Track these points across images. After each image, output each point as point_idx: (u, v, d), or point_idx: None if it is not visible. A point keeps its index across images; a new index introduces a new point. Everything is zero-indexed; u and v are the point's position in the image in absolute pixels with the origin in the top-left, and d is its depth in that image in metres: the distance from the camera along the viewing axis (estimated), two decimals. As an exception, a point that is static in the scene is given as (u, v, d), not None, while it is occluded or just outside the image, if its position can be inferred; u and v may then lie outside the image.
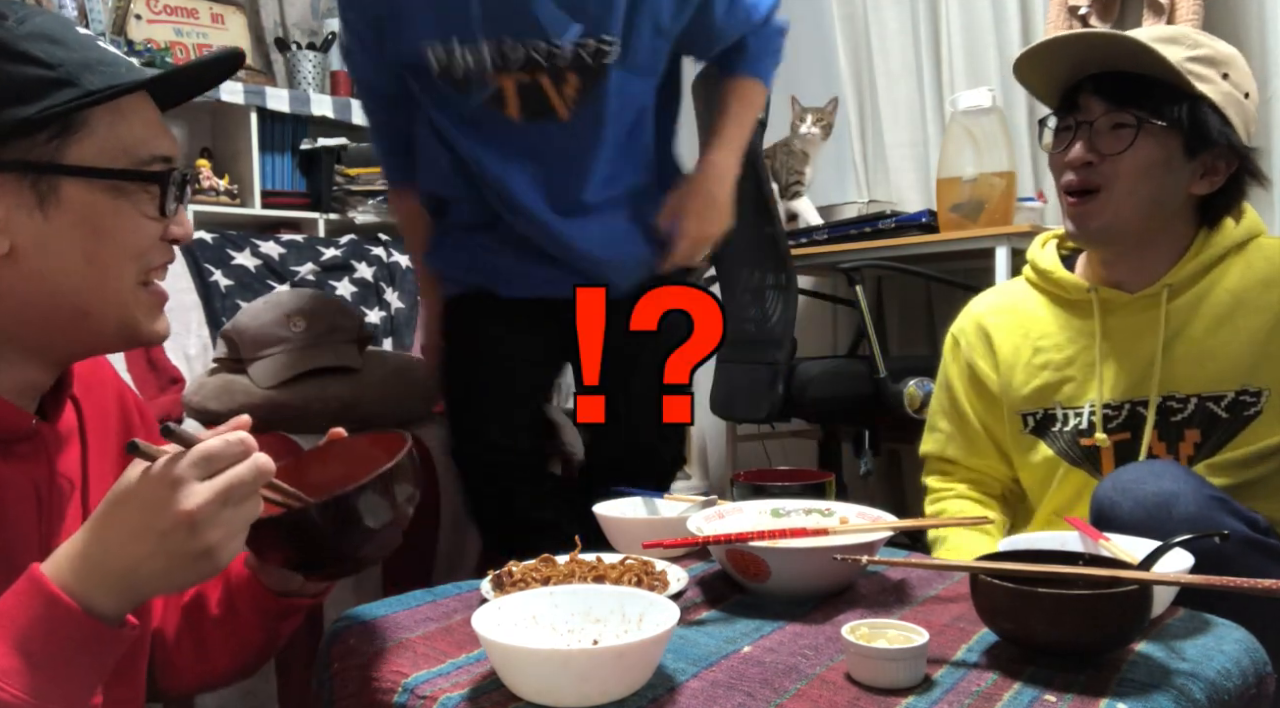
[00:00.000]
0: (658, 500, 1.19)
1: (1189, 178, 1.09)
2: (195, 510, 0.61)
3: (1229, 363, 1.09)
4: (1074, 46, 1.09)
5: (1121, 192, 1.08)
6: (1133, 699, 0.66)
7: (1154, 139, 1.06)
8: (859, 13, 2.87)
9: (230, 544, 0.64)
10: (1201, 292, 1.12)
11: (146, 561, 0.61)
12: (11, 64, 0.66)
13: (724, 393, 2.41)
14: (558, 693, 0.65)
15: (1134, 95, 1.07)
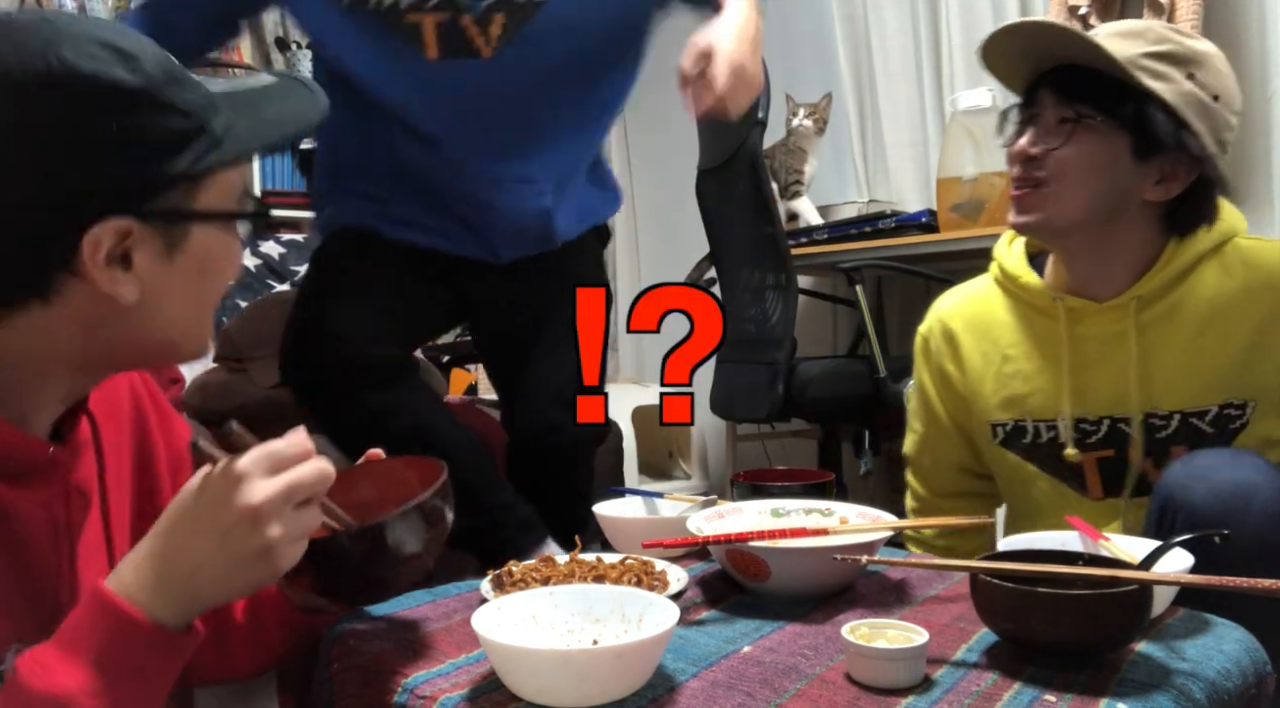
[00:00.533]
0: (657, 501, 1.19)
1: (1140, 182, 1.03)
2: (259, 505, 0.62)
3: (1211, 377, 1.05)
4: (1029, 37, 1.05)
5: (1062, 187, 1.04)
6: (1133, 699, 0.66)
7: (1097, 136, 1.02)
8: (859, 12, 2.87)
9: (290, 548, 0.64)
10: (1176, 303, 1.06)
11: (210, 561, 0.62)
12: (159, 114, 0.64)
13: (724, 393, 2.41)
14: (558, 693, 0.65)
15: (1083, 91, 1.03)
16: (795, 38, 3.14)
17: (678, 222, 3.48)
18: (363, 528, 0.72)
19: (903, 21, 2.77)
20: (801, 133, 2.59)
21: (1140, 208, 1.05)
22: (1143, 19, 2.06)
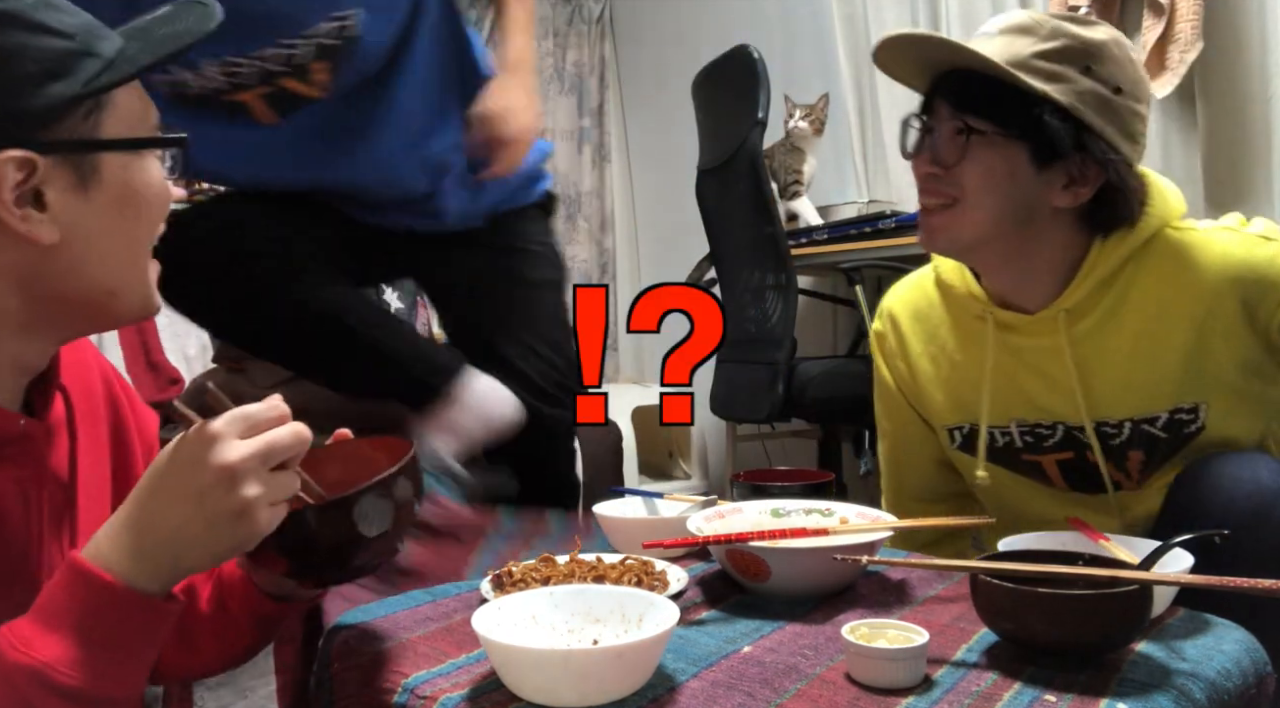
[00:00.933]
0: (658, 501, 1.19)
1: (1046, 189, 0.97)
2: (234, 463, 0.60)
3: (1156, 385, 1.01)
4: (916, 46, 0.99)
5: (964, 205, 0.98)
6: (1133, 699, 0.66)
7: (993, 149, 0.96)
8: (859, 12, 2.87)
9: (268, 511, 0.63)
10: (1110, 311, 1.01)
11: (187, 524, 0.61)
12: (33, 36, 0.62)
13: (724, 393, 2.41)
14: (557, 693, 0.65)
15: (976, 100, 0.96)
16: (795, 38, 3.14)
17: (678, 222, 3.48)
18: (328, 502, 0.70)
19: (903, 22, 2.77)
20: (799, 133, 2.60)
21: (1053, 214, 0.99)
22: (1143, 20, 2.06)
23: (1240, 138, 2.04)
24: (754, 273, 2.31)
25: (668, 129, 3.70)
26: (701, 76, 2.45)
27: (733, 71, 2.28)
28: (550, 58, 3.87)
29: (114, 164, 0.67)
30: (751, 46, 2.22)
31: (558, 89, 3.89)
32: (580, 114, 3.94)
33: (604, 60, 3.98)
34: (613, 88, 4.02)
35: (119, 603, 0.60)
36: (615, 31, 4.02)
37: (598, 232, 3.98)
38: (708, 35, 3.34)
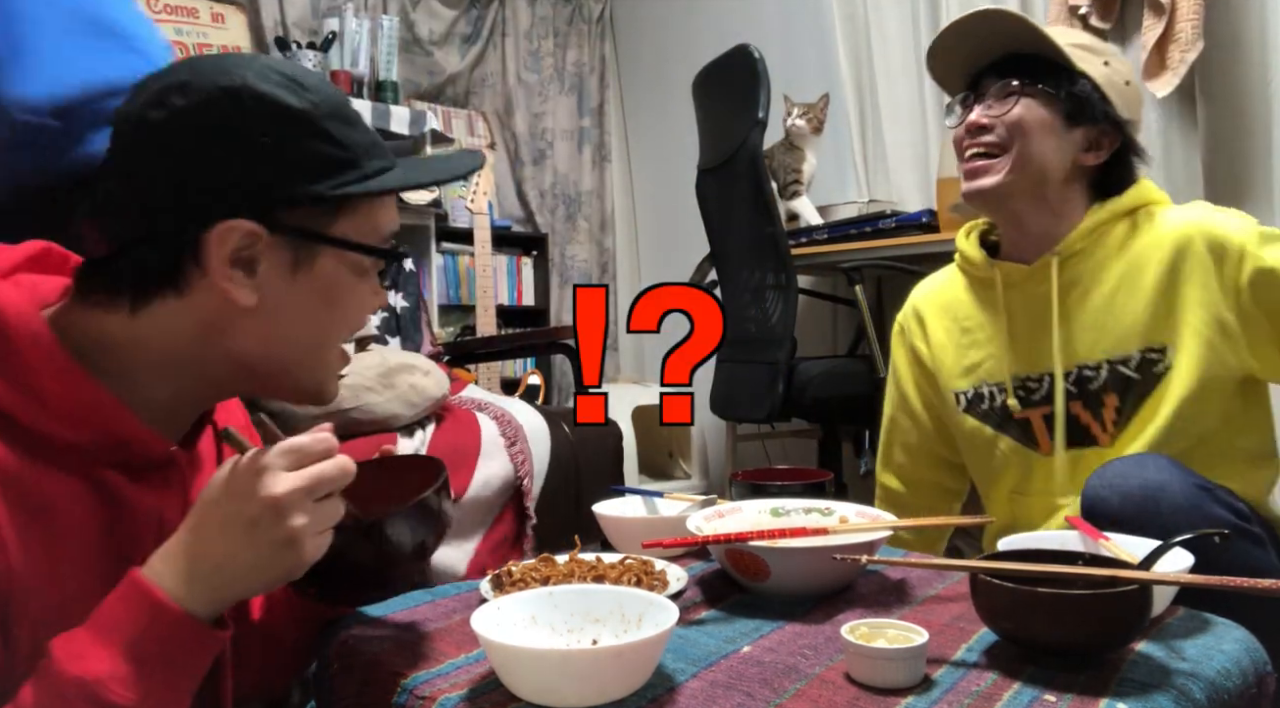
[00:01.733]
0: (657, 500, 1.19)
1: (1074, 147, 1.16)
2: (282, 496, 0.63)
3: (1128, 325, 1.14)
4: (974, 25, 1.17)
5: (1017, 146, 1.15)
6: (1133, 699, 0.66)
7: (1037, 101, 1.14)
8: (859, 12, 2.87)
9: (315, 539, 0.66)
10: (1098, 262, 1.16)
11: (238, 553, 0.64)
12: (313, 140, 0.69)
13: (724, 393, 2.41)
14: (557, 693, 0.65)
15: (1022, 70, 1.16)
16: (795, 38, 3.14)
17: (678, 222, 3.48)
18: (362, 524, 0.72)
19: (903, 21, 2.78)
20: (796, 132, 2.59)
21: (1073, 173, 1.17)
22: (1144, 20, 2.06)
23: (1240, 137, 2.04)
24: (754, 273, 2.31)
25: (668, 129, 3.70)
26: (702, 76, 2.45)
27: (733, 71, 2.28)
28: (550, 58, 3.87)
29: (330, 260, 0.72)
30: (752, 46, 2.22)
31: (558, 89, 3.89)
32: (580, 114, 3.94)
33: (604, 60, 3.99)
34: (613, 88, 4.02)
35: (171, 624, 0.62)
36: (615, 31, 4.03)
37: (598, 232, 3.98)
38: (708, 35, 3.34)
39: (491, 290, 2.84)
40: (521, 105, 3.77)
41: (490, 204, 3.11)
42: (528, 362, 3.61)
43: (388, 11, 3.40)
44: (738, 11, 3.36)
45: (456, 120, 3.63)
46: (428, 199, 3.05)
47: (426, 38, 3.55)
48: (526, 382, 3.19)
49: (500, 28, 3.75)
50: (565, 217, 3.90)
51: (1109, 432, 1.16)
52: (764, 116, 2.14)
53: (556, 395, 3.63)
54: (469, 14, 3.68)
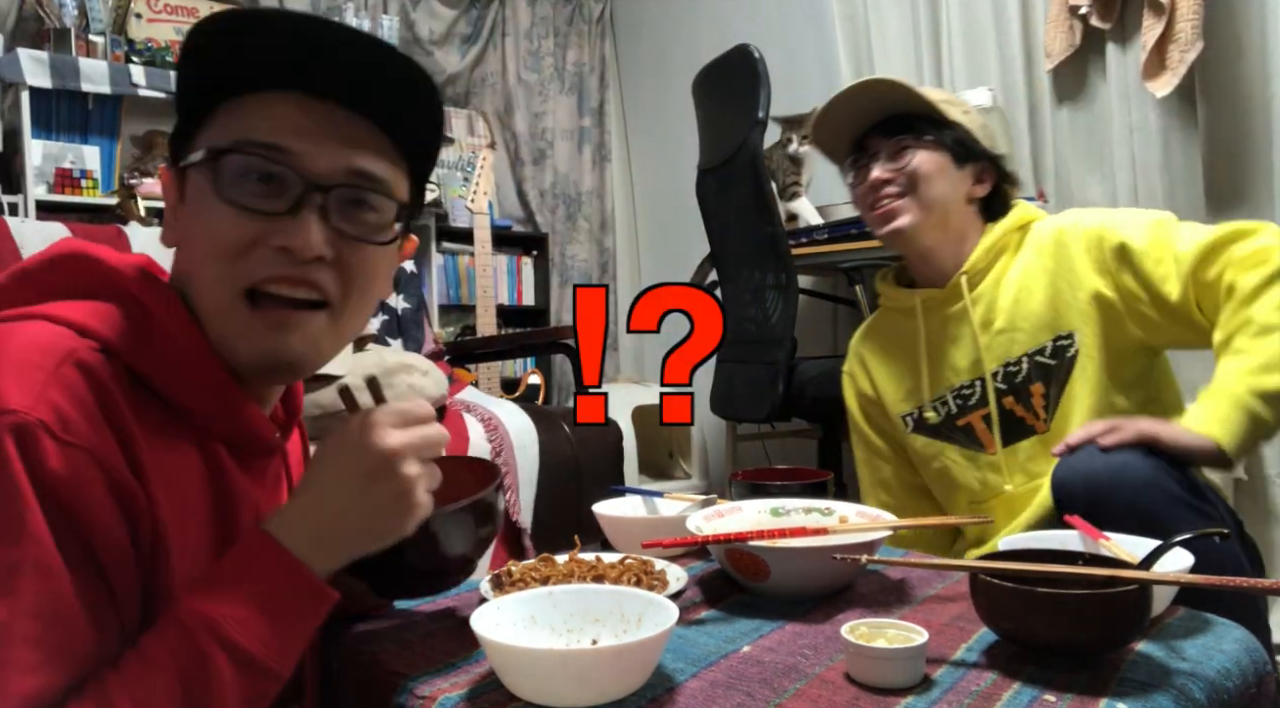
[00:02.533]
0: (657, 500, 1.19)
1: (965, 182, 1.33)
2: (397, 447, 0.65)
3: (1036, 321, 1.29)
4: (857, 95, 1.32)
5: (923, 189, 1.30)
6: (1132, 699, 0.66)
7: (927, 151, 1.31)
8: (859, 13, 2.87)
9: (423, 496, 0.67)
10: (998, 275, 1.33)
11: (354, 504, 0.65)
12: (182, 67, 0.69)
13: (724, 393, 2.41)
14: (557, 693, 0.65)
15: (909, 126, 1.32)
16: (795, 38, 3.14)
17: (678, 222, 3.48)
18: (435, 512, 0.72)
19: (903, 22, 2.77)
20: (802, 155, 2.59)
21: (966, 203, 1.34)
22: (1143, 19, 2.06)
23: (1240, 137, 2.04)
24: (754, 273, 2.31)
25: (668, 129, 3.70)
26: (702, 76, 2.45)
27: (733, 71, 2.28)
28: (550, 58, 3.87)
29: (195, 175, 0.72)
30: (752, 46, 2.21)
31: (558, 89, 3.89)
32: (580, 114, 3.94)
33: (604, 60, 3.98)
34: (613, 88, 4.02)
35: (292, 577, 0.64)
36: (615, 31, 4.02)
37: (598, 231, 3.98)
38: (708, 35, 3.34)
39: (491, 290, 2.84)
40: (521, 105, 3.77)
41: (490, 204, 3.11)
42: (528, 362, 3.61)
43: (388, 11, 3.40)
44: (738, 11, 3.35)
45: (457, 120, 3.63)
46: (428, 199, 3.05)
47: (427, 37, 3.55)
48: (526, 382, 3.19)
49: (500, 27, 3.75)
50: (565, 217, 3.90)
51: (1042, 418, 1.30)
52: (764, 117, 2.14)
53: (556, 395, 3.63)
54: (469, 14, 3.68)
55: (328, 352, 0.73)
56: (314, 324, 0.70)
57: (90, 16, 2.67)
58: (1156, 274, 1.19)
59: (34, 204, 2.53)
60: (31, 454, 0.56)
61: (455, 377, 2.30)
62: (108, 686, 0.57)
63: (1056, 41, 2.30)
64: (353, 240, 0.70)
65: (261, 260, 0.67)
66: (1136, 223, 1.23)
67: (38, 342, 0.60)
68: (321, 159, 0.68)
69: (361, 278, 0.71)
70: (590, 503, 1.16)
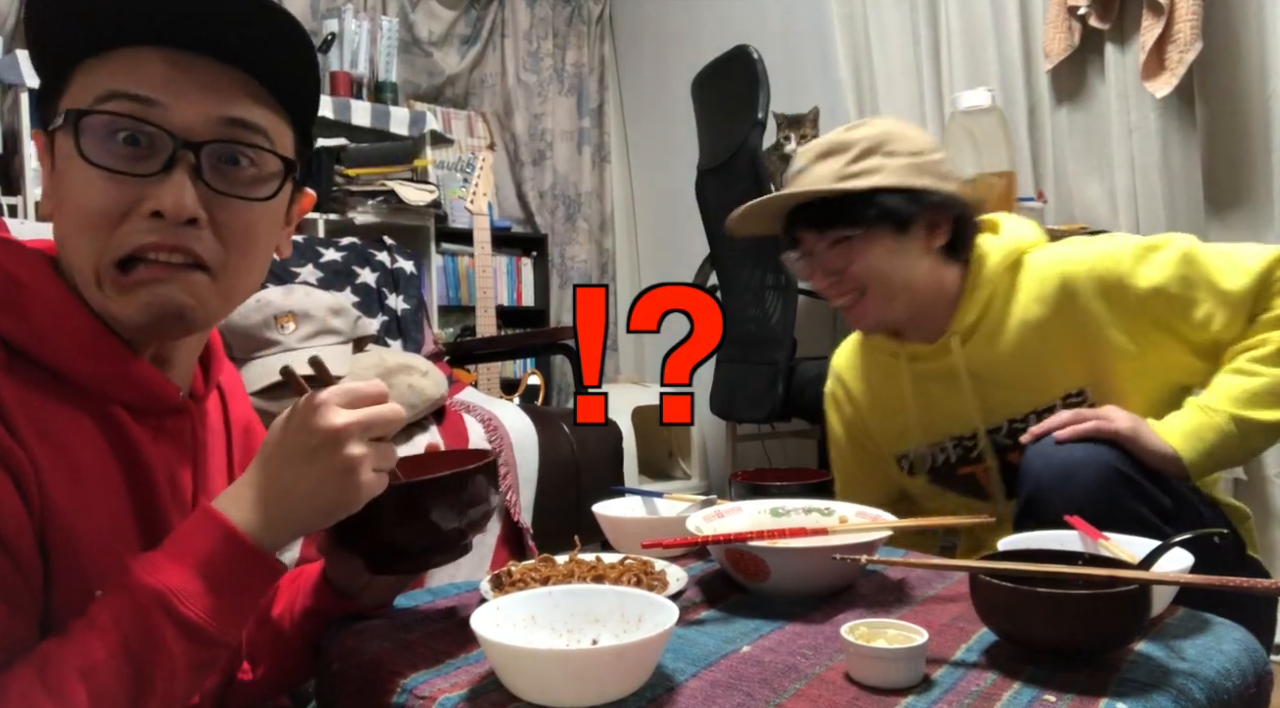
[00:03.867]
0: (657, 500, 1.19)
1: (919, 244, 1.19)
2: (340, 426, 0.66)
3: (1044, 378, 1.19)
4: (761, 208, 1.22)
5: (878, 286, 1.19)
6: (1132, 699, 0.66)
7: (868, 240, 1.17)
8: (859, 13, 2.87)
9: (370, 475, 0.68)
10: (991, 328, 1.20)
11: (299, 481, 0.67)
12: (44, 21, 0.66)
13: (724, 393, 2.41)
14: (556, 693, 0.65)
15: (831, 216, 1.18)
16: (795, 38, 3.14)
17: (678, 222, 3.48)
18: (402, 485, 0.75)
19: (903, 22, 2.77)
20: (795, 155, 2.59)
21: (928, 260, 1.20)
22: (1143, 20, 2.06)
23: (1240, 138, 2.04)
24: (754, 273, 2.31)
25: (668, 129, 3.70)
26: (701, 77, 2.46)
27: (732, 71, 2.28)
28: (550, 58, 3.87)
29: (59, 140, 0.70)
30: (751, 47, 2.22)
31: (558, 89, 3.89)
32: (580, 114, 3.94)
33: (604, 60, 3.99)
34: (613, 88, 4.02)
35: (240, 551, 0.65)
36: (615, 32, 4.02)
37: (598, 232, 3.98)
38: (708, 35, 3.34)
39: (491, 291, 2.84)
40: (521, 106, 3.77)
41: (490, 205, 3.11)
42: (528, 362, 3.61)
43: (387, 12, 3.40)
44: (738, 12, 3.36)
45: (456, 121, 3.63)
46: (427, 200, 3.05)
47: (426, 39, 3.55)
48: (526, 382, 3.19)
49: (500, 28, 3.75)
50: (565, 217, 3.90)
51: None
52: (763, 117, 2.15)
53: (556, 395, 3.63)
54: (468, 15, 3.68)
55: (215, 307, 0.71)
56: (194, 279, 0.68)
57: (90, 17, 2.67)
58: (1197, 318, 1.10)
59: (34, 206, 2.53)
60: None
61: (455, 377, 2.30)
62: (52, 655, 0.58)
63: (1055, 42, 2.30)
64: (227, 197, 0.68)
65: (133, 230, 0.65)
66: (1158, 264, 1.12)
67: None
68: (191, 110, 0.65)
69: (241, 238, 0.69)
70: (590, 503, 1.16)
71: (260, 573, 0.67)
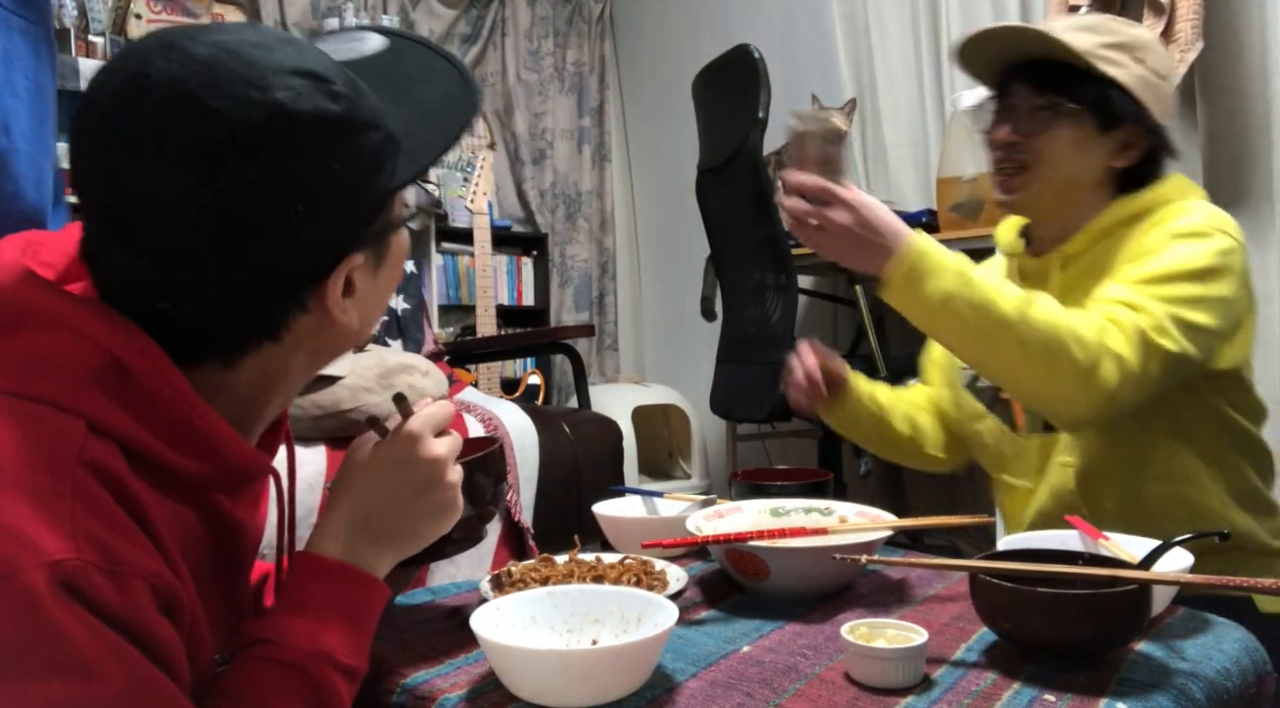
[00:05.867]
0: (657, 500, 1.19)
1: (1106, 153, 1.17)
2: (443, 456, 0.70)
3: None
4: (1002, 39, 1.18)
5: (1043, 170, 1.17)
6: (1132, 699, 0.66)
7: (1068, 120, 1.15)
8: (859, 13, 2.87)
9: (460, 498, 0.72)
10: (1096, 258, 1.16)
11: (406, 514, 0.70)
12: (363, 137, 0.62)
13: (724, 393, 2.41)
14: (556, 693, 0.65)
15: (1053, 80, 1.15)
16: (795, 38, 3.14)
17: (678, 222, 3.48)
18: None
19: (903, 22, 2.77)
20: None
21: (1102, 176, 1.18)
22: (1144, 19, 2.06)
23: (1240, 137, 2.04)
24: (754, 273, 2.31)
25: (668, 129, 3.70)
26: (702, 76, 2.45)
27: (733, 71, 2.28)
28: (550, 58, 3.87)
29: (398, 239, 0.70)
30: (752, 46, 2.22)
31: (558, 89, 3.89)
32: (580, 114, 3.94)
33: (604, 60, 3.98)
34: (613, 88, 4.02)
35: (371, 592, 0.68)
36: (615, 31, 4.02)
37: (598, 232, 3.98)
38: (708, 35, 3.34)
39: (491, 290, 2.84)
40: (521, 105, 3.77)
41: (490, 204, 3.11)
42: (528, 362, 3.61)
43: (388, 11, 3.40)
44: (738, 11, 3.36)
45: (456, 120, 3.63)
46: (428, 199, 3.05)
47: (426, 38, 3.55)
48: (526, 382, 3.19)
49: (500, 28, 3.75)
50: (565, 217, 3.90)
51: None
52: (764, 117, 2.14)
53: (556, 395, 3.63)
54: (469, 14, 3.68)
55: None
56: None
57: (90, 17, 2.68)
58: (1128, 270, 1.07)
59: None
60: (93, 599, 0.51)
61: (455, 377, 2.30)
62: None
63: (1056, 41, 2.30)
64: None
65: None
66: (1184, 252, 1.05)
67: (37, 450, 0.54)
68: None
69: None
70: (590, 503, 1.16)
71: (380, 602, 0.69)
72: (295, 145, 0.58)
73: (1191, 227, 1.08)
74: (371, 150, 0.62)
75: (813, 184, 0.98)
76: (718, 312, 2.54)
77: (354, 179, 0.61)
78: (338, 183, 0.60)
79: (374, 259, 0.67)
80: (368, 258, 0.65)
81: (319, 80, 0.60)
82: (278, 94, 0.57)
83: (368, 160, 0.62)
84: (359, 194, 0.62)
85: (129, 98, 0.57)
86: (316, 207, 0.59)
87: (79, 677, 0.51)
